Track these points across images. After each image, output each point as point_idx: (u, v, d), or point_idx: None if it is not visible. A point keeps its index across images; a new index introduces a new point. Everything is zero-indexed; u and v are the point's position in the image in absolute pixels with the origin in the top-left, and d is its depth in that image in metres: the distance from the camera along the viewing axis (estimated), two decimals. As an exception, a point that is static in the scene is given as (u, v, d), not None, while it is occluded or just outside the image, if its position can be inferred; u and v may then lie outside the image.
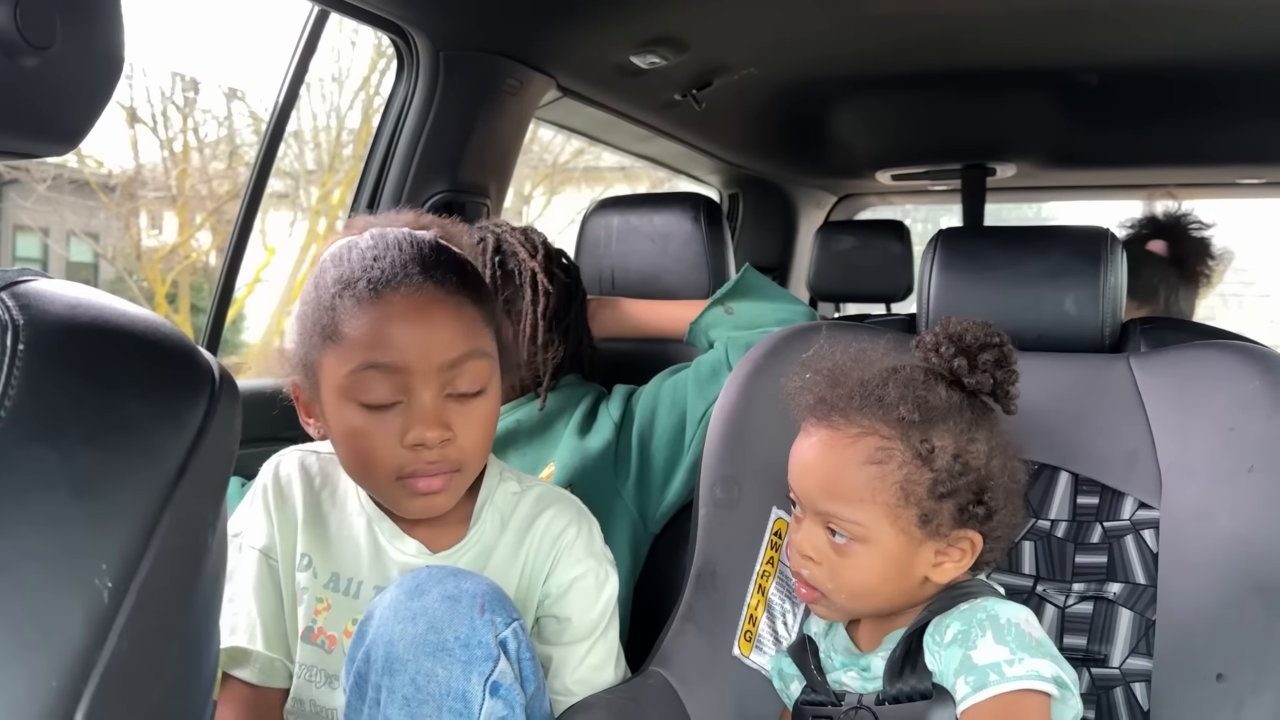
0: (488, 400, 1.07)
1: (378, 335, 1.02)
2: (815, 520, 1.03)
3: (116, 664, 0.52)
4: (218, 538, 0.59)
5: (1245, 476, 1.09)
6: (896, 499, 0.99)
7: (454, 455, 1.04)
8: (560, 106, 2.14)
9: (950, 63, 2.03)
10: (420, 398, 1.02)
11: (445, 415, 1.03)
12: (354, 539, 1.12)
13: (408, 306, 1.03)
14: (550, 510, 1.13)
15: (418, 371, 1.02)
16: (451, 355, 1.03)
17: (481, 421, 1.07)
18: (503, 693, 0.94)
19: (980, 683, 0.93)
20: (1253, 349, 1.19)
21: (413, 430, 1.02)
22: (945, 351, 1.04)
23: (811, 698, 1.09)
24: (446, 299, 1.05)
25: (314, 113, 7.61)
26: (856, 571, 1.01)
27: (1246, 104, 2.20)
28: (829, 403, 1.04)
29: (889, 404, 1.01)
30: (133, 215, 7.65)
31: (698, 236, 1.77)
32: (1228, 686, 1.03)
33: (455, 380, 1.04)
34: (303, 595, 1.12)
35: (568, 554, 1.12)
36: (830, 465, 1.02)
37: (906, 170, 2.95)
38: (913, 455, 0.99)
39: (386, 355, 1.02)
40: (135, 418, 0.56)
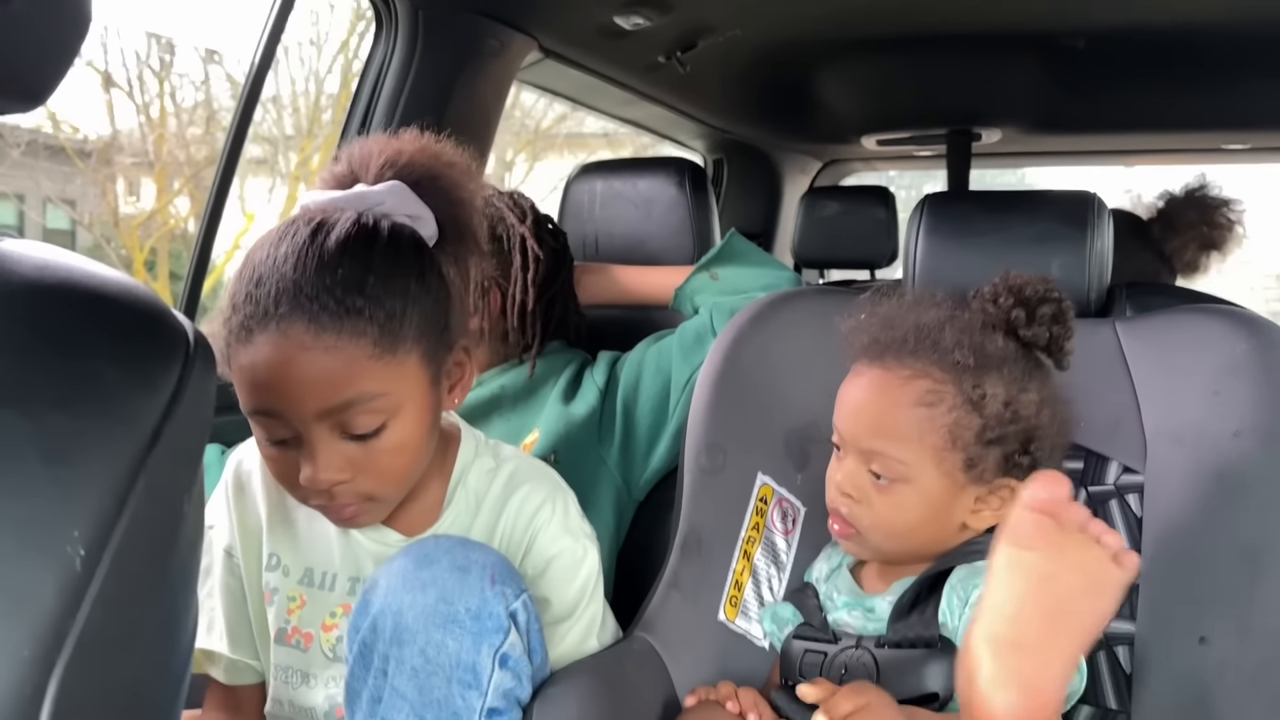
0: (394, 433, 0.96)
1: (251, 382, 0.93)
2: (859, 458, 1.05)
3: (90, 633, 0.51)
4: (194, 504, 0.58)
5: (1230, 440, 1.10)
6: (944, 441, 1.01)
7: (360, 489, 0.97)
8: (542, 69, 2.11)
9: (936, 26, 2.01)
10: (309, 441, 0.94)
11: (339, 457, 0.95)
12: (325, 532, 1.08)
13: (270, 356, 0.92)
14: (524, 488, 1.08)
15: (296, 418, 0.93)
16: (327, 404, 0.93)
17: (386, 459, 0.97)
18: (511, 664, 0.93)
19: None
20: (1238, 313, 1.19)
21: (304, 472, 0.95)
22: (1004, 302, 1.06)
23: (806, 633, 1.10)
24: (311, 344, 0.91)
25: (292, 77, 7.53)
26: (896, 510, 1.03)
27: (1233, 69, 2.19)
28: (883, 343, 1.05)
29: (944, 348, 1.03)
30: (110, 181, 7.56)
31: (682, 202, 1.76)
32: (1210, 649, 1.03)
33: (346, 423, 0.94)
34: (273, 596, 1.09)
35: (543, 533, 1.07)
36: (880, 405, 1.03)
37: (891, 135, 2.94)
38: (964, 400, 1.01)
39: (262, 403, 0.94)
40: (107, 382, 0.55)
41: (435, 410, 1.02)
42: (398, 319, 0.95)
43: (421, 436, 1.00)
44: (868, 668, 1.01)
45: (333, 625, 1.07)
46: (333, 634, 1.06)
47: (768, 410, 1.27)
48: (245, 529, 1.10)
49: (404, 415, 0.96)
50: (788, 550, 1.24)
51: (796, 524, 1.25)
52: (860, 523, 1.05)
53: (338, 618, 1.07)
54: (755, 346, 1.29)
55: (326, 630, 1.07)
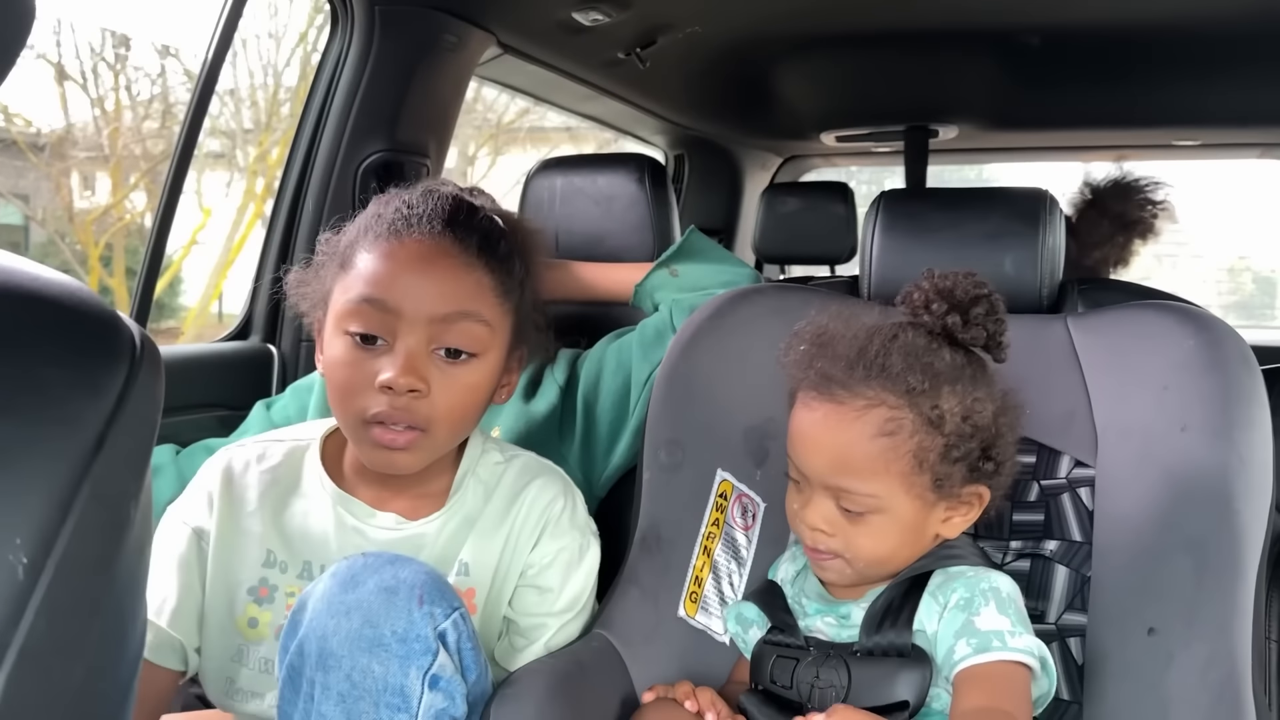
0: (475, 370, 1.05)
1: (381, 272, 1.04)
2: (824, 494, 1.02)
3: (34, 643, 0.50)
4: (141, 510, 0.57)
5: (1178, 435, 1.11)
6: (910, 467, 0.99)
7: (422, 411, 1.03)
8: (501, 64, 2.10)
9: (893, 23, 2.02)
10: (404, 342, 1.02)
11: (424, 368, 1.02)
12: (320, 524, 1.10)
13: (417, 251, 1.04)
14: (538, 481, 1.14)
15: (407, 316, 1.02)
16: (445, 309, 1.03)
17: (461, 388, 1.05)
18: (443, 685, 0.92)
19: (983, 646, 0.95)
20: (1187, 309, 1.21)
21: (386, 371, 1.01)
22: (937, 309, 1.03)
23: (778, 639, 1.09)
24: (457, 255, 1.05)
25: (250, 70, 7.42)
26: (873, 539, 1.01)
27: (1183, 67, 2.23)
28: (829, 375, 1.01)
29: (894, 373, 0.99)
30: (64, 176, 7.42)
31: (642, 198, 1.76)
32: (1159, 640, 1.05)
33: (444, 335, 1.03)
34: (272, 594, 1.09)
35: (554, 525, 1.12)
36: (839, 441, 1.00)
37: (850, 132, 2.95)
38: (923, 423, 0.99)
39: (382, 292, 1.03)
40: (50, 386, 0.54)
41: (496, 380, 1.10)
42: (513, 278, 1.09)
43: (487, 389, 1.08)
44: (840, 676, 1.01)
45: None
46: None
47: (727, 406, 1.27)
48: (230, 525, 1.10)
49: (489, 359, 1.06)
50: (748, 545, 1.24)
51: (756, 519, 1.25)
52: (841, 552, 1.03)
53: None
54: (714, 343, 1.29)
55: None
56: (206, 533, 1.10)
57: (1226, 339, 1.15)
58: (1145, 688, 1.05)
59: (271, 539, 1.10)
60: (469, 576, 1.10)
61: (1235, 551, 1.06)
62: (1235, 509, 1.07)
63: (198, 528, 1.11)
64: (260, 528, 1.10)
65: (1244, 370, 1.12)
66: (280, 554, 1.10)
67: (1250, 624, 1.04)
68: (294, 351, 1.84)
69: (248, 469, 1.13)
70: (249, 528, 1.10)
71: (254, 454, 1.14)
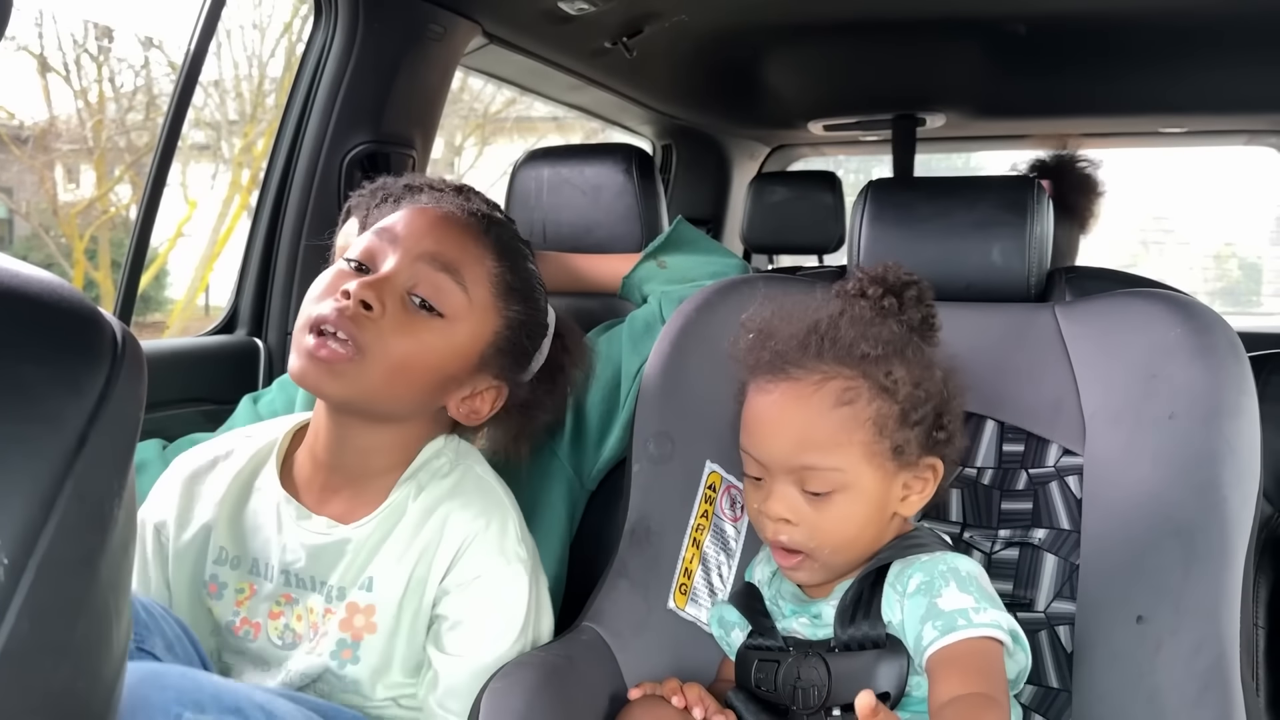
0: (434, 330, 1.04)
1: (397, 216, 1.08)
2: (786, 480, 1.02)
3: (16, 644, 0.49)
4: (124, 508, 0.57)
5: (1166, 423, 1.12)
6: (871, 436, 1.00)
7: (366, 332, 1.00)
8: (487, 54, 2.09)
9: (879, 11, 2.02)
10: (386, 265, 1.04)
11: (389, 294, 1.02)
12: (267, 523, 1.10)
13: (442, 211, 1.09)
14: (457, 501, 1.06)
15: (403, 247, 1.05)
16: (437, 254, 1.04)
17: (408, 336, 1.02)
18: None
19: (948, 626, 0.95)
20: (1174, 297, 1.21)
21: (349, 285, 1.01)
22: (874, 292, 1.07)
23: (758, 643, 1.09)
24: (473, 229, 1.08)
25: (235, 61, 7.37)
26: (838, 521, 1.01)
27: (1170, 53, 2.23)
28: (783, 355, 1.03)
29: (845, 343, 1.02)
30: (47, 168, 7.37)
31: (630, 189, 1.75)
32: (1147, 628, 1.06)
33: (421, 277, 1.04)
34: (221, 590, 1.10)
35: (470, 549, 1.05)
36: (800, 417, 1.01)
37: (838, 121, 2.95)
38: (878, 390, 1.01)
39: (391, 223, 1.07)
40: (30, 384, 0.53)
41: (456, 371, 1.07)
42: (515, 295, 1.10)
43: (437, 362, 1.05)
44: (819, 674, 1.01)
45: (278, 614, 1.08)
46: (279, 621, 1.08)
47: (716, 398, 1.27)
48: (186, 520, 1.11)
49: (453, 330, 1.05)
50: (737, 537, 1.24)
51: (745, 511, 1.25)
52: (804, 546, 1.03)
53: (282, 606, 1.08)
54: (703, 335, 1.29)
55: (273, 618, 1.08)
56: (167, 525, 1.12)
57: (1213, 326, 1.15)
58: (1134, 675, 1.05)
59: (223, 535, 1.11)
60: (371, 592, 1.06)
61: (1223, 538, 1.06)
62: (1223, 496, 1.07)
63: (157, 524, 1.12)
64: (214, 524, 1.11)
65: (1231, 357, 1.12)
66: (231, 550, 1.10)
67: (1238, 610, 1.04)
68: (280, 345, 1.84)
69: (213, 466, 1.14)
70: (204, 523, 1.11)
71: (223, 450, 1.15)
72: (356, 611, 1.06)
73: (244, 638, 1.09)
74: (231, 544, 1.10)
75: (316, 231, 1.81)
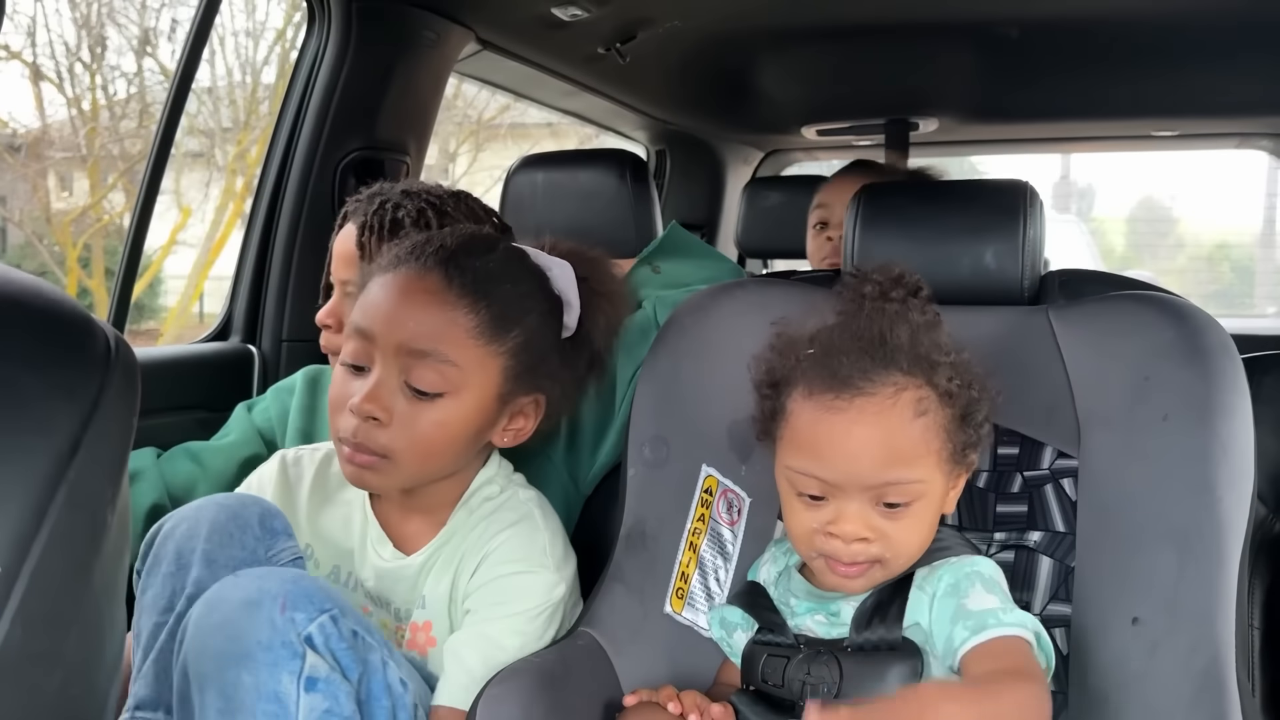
0: (443, 409, 1.06)
1: (370, 301, 1.09)
2: (864, 498, 0.99)
3: (9, 652, 0.49)
4: (118, 515, 0.57)
5: (1160, 424, 1.12)
6: (943, 442, 1.00)
7: (381, 440, 1.05)
8: (481, 60, 2.09)
9: (872, 16, 2.03)
10: (377, 370, 1.06)
11: (388, 398, 1.05)
12: (349, 537, 1.16)
13: (401, 284, 1.08)
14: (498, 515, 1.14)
15: (379, 345, 1.05)
16: (411, 344, 1.05)
17: (425, 424, 1.06)
18: (321, 686, 0.93)
19: (979, 626, 0.96)
20: (1167, 300, 1.22)
21: (355, 396, 1.05)
22: (897, 294, 1.06)
23: (767, 639, 1.08)
24: (435, 293, 1.07)
25: (229, 68, 7.37)
26: (912, 530, 1.01)
27: (1161, 57, 2.24)
28: (848, 367, 0.99)
29: (906, 349, 1.00)
30: (41, 176, 7.35)
31: (624, 194, 1.75)
32: (1142, 629, 1.06)
33: (411, 369, 1.05)
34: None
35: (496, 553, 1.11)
36: (883, 432, 0.98)
37: (831, 125, 2.95)
38: (944, 396, 1.00)
39: (366, 321, 1.07)
40: (24, 391, 0.53)
41: (484, 422, 1.11)
42: (507, 324, 1.09)
43: (461, 430, 1.09)
44: (831, 672, 1.01)
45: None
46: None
47: (711, 402, 1.27)
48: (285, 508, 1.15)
49: (461, 400, 1.07)
50: (734, 541, 1.24)
51: (742, 515, 1.25)
52: (880, 556, 1.00)
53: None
54: (698, 338, 1.29)
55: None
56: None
57: (1207, 329, 1.15)
58: (1130, 676, 1.05)
59: (311, 535, 1.17)
60: (425, 609, 1.13)
61: (1218, 539, 1.06)
62: (1218, 497, 1.07)
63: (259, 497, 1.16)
64: (305, 521, 1.17)
65: (1225, 359, 1.13)
66: (316, 551, 1.16)
67: (1233, 611, 1.04)
68: (274, 352, 1.83)
69: (311, 464, 1.20)
70: (295, 518, 1.16)
71: (322, 452, 1.21)
72: (418, 630, 1.13)
73: None
74: (318, 546, 1.16)
75: (311, 238, 1.81)
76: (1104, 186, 10.30)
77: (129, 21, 6.98)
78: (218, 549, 0.99)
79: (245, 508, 1.03)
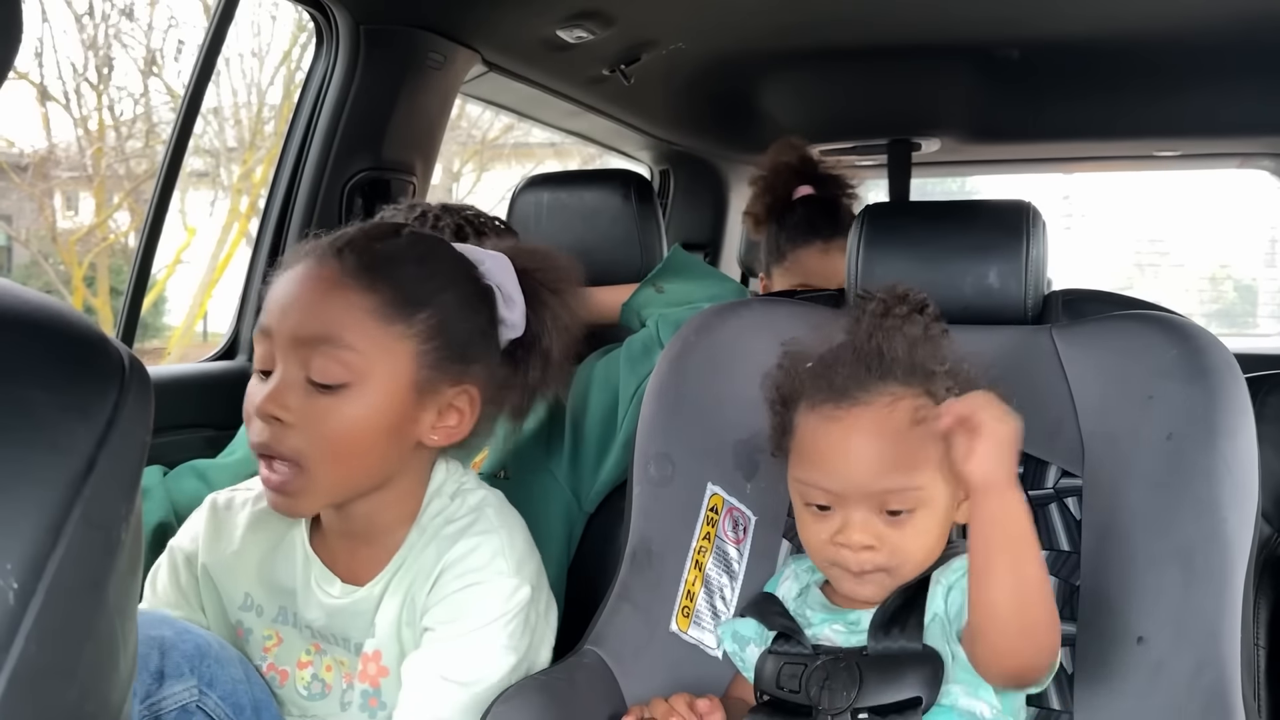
0: (349, 402, 0.96)
1: (268, 299, 1.01)
2: (864, 506, 1.00)
3: (25, 668, 0.49)
4: (131, 532, 0.57)
5: (1164, 443, 1.12)
6: (942, 450, 0.99)
7: (288, 442, 0.96)
8: (486, 82, 2.11)
9: (875, 38, 2.04)
10: (277, 369, 0.97)
11: (288, 395, 0.96)
12: (291, 577, 1.08)
13: (297, 274, 1.00)
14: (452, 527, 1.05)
15: (276, 340, 0.98)
16: (304, 332, 0.96)
17: (333, 419, 0.96)
18: None
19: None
20: (1171, 319, 1.22)
21: (257, 396, 0.97)
22: (900, 310, 1.07)
23: (784, 647, 1.08)
24: (328, 278, 0.98)
25: (234, 89, 7.41)
26: (918, 537, 1.01)
27: (1162, 78, 2.25)
28: (847, 380, 1.02)
29: (905, 361, 1.02)
30: (47, 196, 7.38)
31: (628, 214, 1.76)
32: (1148, 648, 1.06)
33: (311, 360, 0.96)
34: (247, 635, 1.09)
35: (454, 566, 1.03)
36: (882, 441, 1.00)
37: (833, 145, 2.96)
38: (940, 403, 1.00)
39: (265, 317, 1.00)
40: (39, 410, 0.54)
41: (400, 416, 1.00)
42: (413, 304, 0.99)
43: (374, 424, 0.98)
44: (851, 677, 1.00)
45: (307, 663, 1.08)
46: (306, 672, 1.08)
47: (716, 420, 1.27)
48: (214, 560, 1.10)
49: (368, 390, 0.97)
50: (740, 559, 1.24)
51: (748, 533, 1.25)
52: (887, 565, 1.02)
53: (311, 655, 1.08)
54: (702, 357, 1.29)
55: (301, 668, 1.08)
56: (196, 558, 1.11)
57: (1210, 348, 1.16)
58: (1135, 696, 1.05)
59: (250, 582, 1.09)
60: (375, 638, 1.05)
61: (1223, 558, 1.06)
62: (1222, 516, 1.08)
63: (190, 554, 1.11)
64: (242, 569, 1.09)
65: (1228, 378, 1.13)
66: (257, 598, 1.09)
67: (1239, 630, 1.04)
68: (281, 370, 1.84)
69: (243, 506, 1.11)
70: (231, 566, 1.10)
71: (254, 491, 1.12)
72: (368, 660, 1.06)
73: (270, 683, 1.09)
74: (259, 591, 1.09)
75: (317, 257, 1.81)
76: (1106, 206, 10.33)
77: (135, 42, 7.04)
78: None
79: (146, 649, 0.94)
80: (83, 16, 6.46)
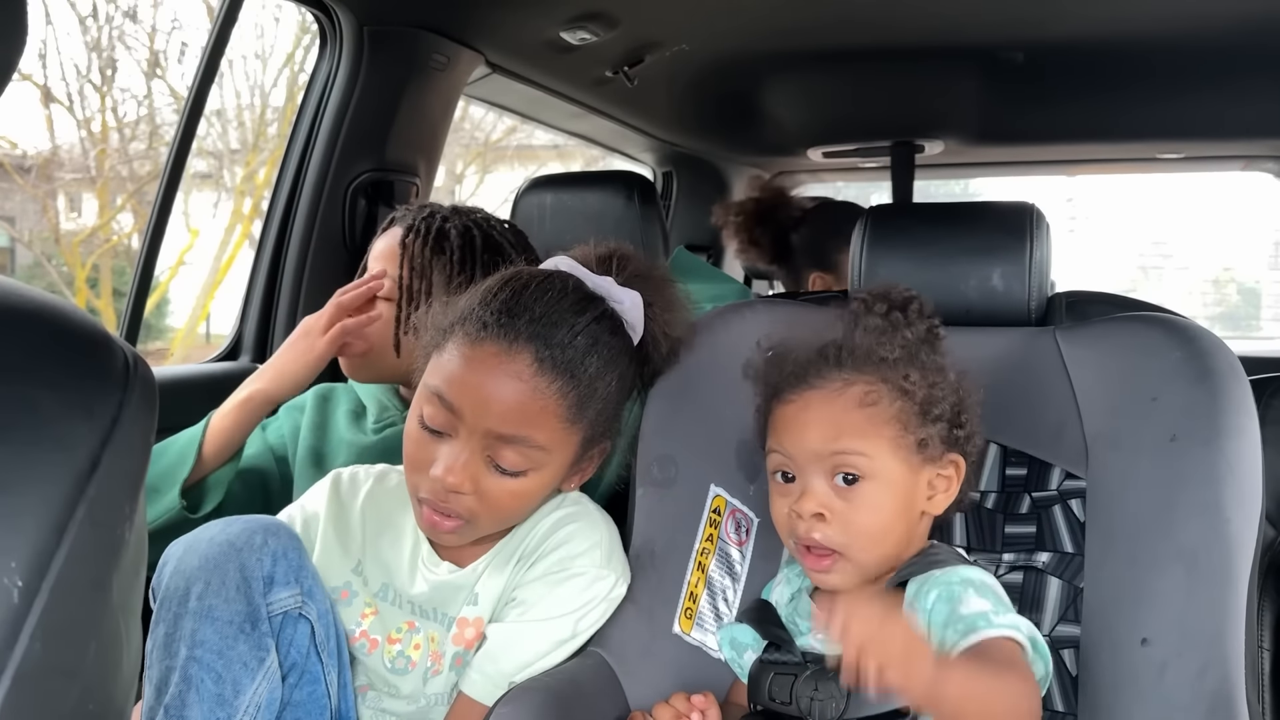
0: (525, 482, 1.07)
1: (454, 373, 1.05)
2: (818, 473, 1.05)
3: (29, 665, 0.50)
4: (135, 531, 0.57)
5: (1167, 445, 1.12)
6: (896, 431, 1.04)
7: (464, 505, 1.06)
8: (490, 83, 2.11)
9: (879, 40, 2.04)
10: (461, 443, 1.05)
11: (472, 470, 1.05)
12: (402, 555, 1.16)
13: (489, 362, 1.04)
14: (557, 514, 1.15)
15: (466, 422, 1.04)
16: (500, 429, 1.04)
17: (507, 494, 1.07)
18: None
19: (969, 628, 0.96)
20: (1174, 321, 1.22)
21: (437, 466, 1.04)
22: (879, 308, 1.11)
23: (774, 657, 1.09)
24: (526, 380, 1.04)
25: (237, 90, 7.42)
26: (869, 512, 1.04)
27: (1165, 81, 2.25)
28: (803, 368, 1.08)
29: (862, 352, 1.07)
30: (50, 197, 7.39)
31: (631, 215, 1.77)
32: (1151, 651, 1.06)
33: (497, 449, 1.05)
34: (351, 597, 1.16)
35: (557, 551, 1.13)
36: (827, 414, 1.05)
37: (837, 148, 2.97)
38: (898, 391, 1.05)
39: (451, 394, 1.05)
40: (44, 409, 0.54)
41: (554, 483, 1.12)
42: (592, 401, 1.08)
43: (539, 495, 1.11)
44: (838, 688, 1.01)
45: (397, 639, 1.15)
46: (395, 647, 1.15)
47: (719, 422, 1.27)
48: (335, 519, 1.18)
49: (542, 474, 1.08)
50: (742, 561, 1.24)
51: (750, 535, 1.25)
52: (837, 542, 1.03)
53: (402, 633, 1.15)
54: (705, 358, 1.29)
55: (391, 643, 1.14)
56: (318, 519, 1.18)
57: (1214, 350, 1.15)
58: (1139, 698, 1.05)
59: (362, 552, 1.17)
60: (476, 606, 1.14)
61: (1226, 560, 1.06)
62: (1226, 518, 1.07)
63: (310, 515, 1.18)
64: (357, 539, 1.17)
65: (1232, 380, 1.13)
66: (368, 567, 1.17)
67: (1243, 632, 1.04)
68: (284, 371, 1.84)
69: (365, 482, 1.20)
70: (349, 534, 1.17)
71: (376, 471, 1.22)
72: (466, 625, 1.13)
73: (359, 649, 1.15)
74: (368, 563, 1.17)
75: (321, 258, 1.82)
76: (1109, 208, 10.32)
77: (139, 44, 7.04)
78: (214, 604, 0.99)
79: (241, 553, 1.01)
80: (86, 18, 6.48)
